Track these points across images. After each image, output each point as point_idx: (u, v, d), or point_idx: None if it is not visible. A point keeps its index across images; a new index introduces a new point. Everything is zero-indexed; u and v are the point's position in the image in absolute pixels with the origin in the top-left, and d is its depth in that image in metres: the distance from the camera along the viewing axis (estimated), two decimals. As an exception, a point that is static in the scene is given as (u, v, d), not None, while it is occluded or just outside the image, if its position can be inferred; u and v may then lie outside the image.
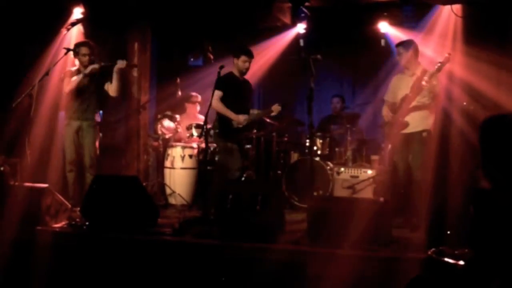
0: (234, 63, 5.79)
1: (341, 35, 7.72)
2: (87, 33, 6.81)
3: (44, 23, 6.67)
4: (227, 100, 5.71)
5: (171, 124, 6.96)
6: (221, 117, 5.78)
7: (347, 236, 4.08)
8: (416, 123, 5.25)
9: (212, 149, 6.57)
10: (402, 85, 5.39)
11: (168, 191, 6.60)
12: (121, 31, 7.23)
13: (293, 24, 7.51)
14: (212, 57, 8.09)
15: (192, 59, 8.26)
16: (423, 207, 4.97)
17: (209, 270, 4.31)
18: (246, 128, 5.87)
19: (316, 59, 5.48)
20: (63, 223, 5.09)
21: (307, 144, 6.72)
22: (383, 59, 6.83)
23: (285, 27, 7.57)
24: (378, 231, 4.26)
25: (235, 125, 5.73)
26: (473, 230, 2.38)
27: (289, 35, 7.68)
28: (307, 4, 7.23)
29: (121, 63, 5.83)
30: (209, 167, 6.24)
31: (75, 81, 5.83)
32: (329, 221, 4.42)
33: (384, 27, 7.23)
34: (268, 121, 6.53)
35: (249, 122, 5.86)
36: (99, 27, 6.89)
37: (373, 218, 4.22)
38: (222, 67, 5.36)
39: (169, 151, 6.71)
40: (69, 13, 6.80)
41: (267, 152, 6.96)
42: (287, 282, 4.14)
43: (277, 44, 7.64)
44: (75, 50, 5.86)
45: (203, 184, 6.31)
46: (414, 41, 5.43)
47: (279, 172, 6.84)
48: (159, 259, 4.46)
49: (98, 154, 6.00)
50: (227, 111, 5.70)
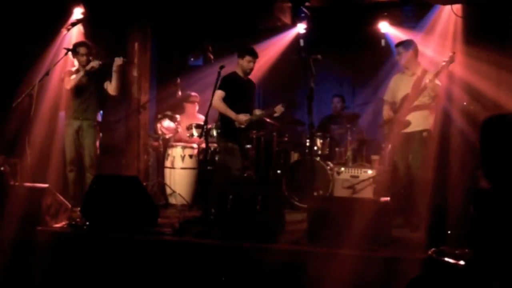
0: (238, 63, 5.76)
1: (341, 35, 7.72)
2: (87, 33, 6.81)
3: (44, 23, 6.67)
4: (229, 100, 5.69)
5: (171, 124, 6.95)
6: (223, 117, 5.77)
7: (347, 236, 4.07)
8: (416, 122, 5.25)
9: (212, 149, 6.57)
10: (402, 85, 5.40)
11: (168, 191, 6.60)
12: (121, 31, 7.22)
13: (293, 24, 7.51)
14: (212, 57, 8.09)
15: (192, 59, 8.26)
16: (423, 207, 4.98)
17: (209, 270, 4.31)
18: (248, 128, 5.86)
19: (316, 59, 5.48)
20: (63, 223, 5.09)
21: (307, 144, 6.72)
22: (383, 59, 6.83)
23: (285, 27, 7.56)
24: (378, 231, 4.26)
25: (237, 126, 5.72)
26: (473, 230, 2.38)
27: (289, 35, 7.68)
28: (307, 4, 7.24)
29: (118, 60, 5.83)
30: (209, 167, 6.24)
31: (76, 78, 5.85)
32: (329, 221, 4.42)
33: (384, 27, 7.22)
34: (268, 121, 6.53)
35: (252, 122, 5.83)
36: (99, 27, 6.89)
37: (373, 218, 4.22)
38: (222, 67, 5.35)
39: (169, 151, 6.71)
40: (69, 13, 6.80)
41: (267, 152, 6.97)
42: (287, 282, 4.14)
43: (277, 44, 7.63)
44: (74, 50, 5.87)
45: (203, 184, 6.31)
46: (413, 41, 5.44)
47: (279, 172, 6.84)
48: (159, 259, 4.46)
49: (98, 154, 6.01)
50: (228, 111, 5.68)
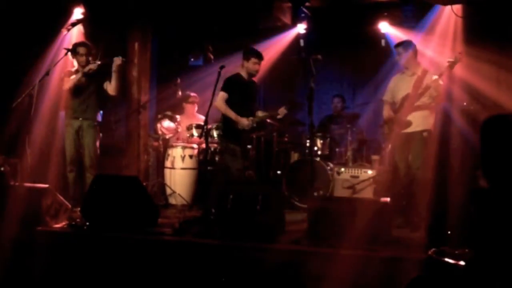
0: (243, 65, 5.74)
1: (342, 35, 7.72)
2: (88, 34, 6.81)
3: (44, 24, 6.67)
4: (232, 102, 5.68)
5: (172, 124, 6.95)
6: (225, 118, 5.76)
7: (347, 236, 4.07)
8: (417, 122, 5.25)
9: (212, 149, 6.57)
10: (402, 85, 5.40)
11: (168, 191, 6.60)
12: (121, 31, 7.22)
13: (294, 24, 7.51)
14: (212, 57, 8.09)
15: (192, 59, 8.25)
16: (424, 207, 4.97)
17: (209, 270, 4.31)
18: (251, 130, 5.82)
19: (316, 59, 5.49)
20: (64, 223, 5.09)
21: (308, 144, 6.72)
22: (383, 59, 6.84)
23: (286, 27, 7.56)
24: (378, 231, 4.26)
25: (239, 127, 5.71)
26: (473, 230, 2.38)
27: (289, 35, 7.68)
28: (307, 4, 7.25)
29: (118, 60, 5.83)
30: (209, 167, 6.24)
31: (74, 79, 5.86)
32: (329, 221, 4.42)
33: (384, 27, 7.22)
34: (268, 121, 6.53)
35: (255, 124, 5.80)
36: (99, 27, 6.89)
37: (373, 218, 4.22)
38: (222, 67, 5.34)
39: (170, 151, 6.70)
40: (70, 14, 6.80)
41: (267, 152, 6.96)
42: (287, 282, 4.14)
43: (278, 44, 7.63)
44: (73, 50, 5.87)
45: (203, 184, 6.31)
46: (412, 42, 5.44)
47: (279, 172, 6.84)
48: (159, 259, 4.46)
49: (98, 154, 6.01)
50: (231, 114, 5.66)
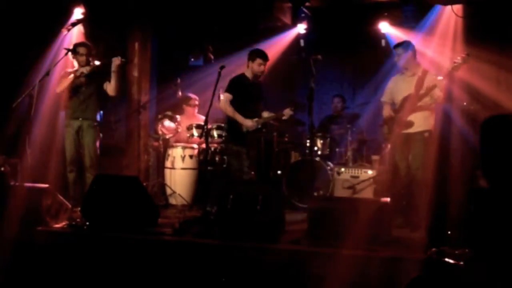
0: (248, 65, 5.73)
1: (342, 35, 7.72)
2: (88, 34, 6.81)
3: (44, 24, 6.68)
4: (237, 103, 5.67)
5: (172, 124, 6.95)
6: (230, 120, 5.75)
7: (347, 236, 4.07)
8: (418, 123, 5.25)
9: (212, 149, 6.57)
10: (402, 85, 5.39)
11: (168, 191, 6.60)
12: (122, 31, 7.23)
13: (294, 24, 7.52)
14: (212, 57, 8.09)
15: (192, 59, 8.25)
16: (424, 207, 4.98)
17: (209, 270, 4.31)
18: (255, 131, 5.78)
19: (316, 59, 5.48)
20: (64, 223, 5.09)
21: (308, 144, 6.72)
22: (384, 59, 6.83)
23: (286, 27, 7.57)
24: (378, 231, 4.25)
25: (244, 129, 5.68)
26: (473, 230, 2.38)
27: (289, 35, 7.69)
28: (307, 4, 7.25)
29: (116, 60, 5.83)
30: (209, 167, 6.24)
31: (66, 82, 5.84)
32: (329, 221, 4.42)
33: (384, 27, 7.22)
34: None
35: (260, 125, 5.77)
36: (99, 27, 6.90)
37: (374, 218, 4.22)
38: (222, 67, 5.33)
39: (170, 152, 6.71)
40: (70, 14, 6.80)
41: (268, 152, 6.96)
42: (287, 282, 4.14)
43: (278, 44, 7.63)
44: (73, 50, 5.86)
45: (203, 184, 6.31)
46: (411, 42, 5.43)
47: (279, 172, 6.84)
48: (159, 259, 4.46)
49: (98, 154, 6.01)
50: (236, 115, 5.65)
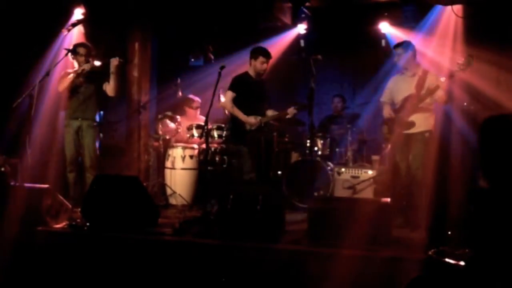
0: (251, 64, 5.74)
1: (342, 35, 7.72)
2: (88, 34, 6.82)
3: (44, 24, 6.68)
4: (240, 101, 5.66)
5: (172, 124, 6.95)
6: (233, 119, 5.74)
7: (347, 236, 4.07)
8: (418, 123, 5.25)
9: (212, 149, 6.57)
10: (403, 86, 5.38)
11: (168, 191, 6.60)
12: (122, 31, 7.23)
13: (294, 24, 7.52)
14: (212, 57, 8.09)
15: (192, 59, 8.25)
16: (424, 207, 4.98)
17: (209, 270, 4.31)
18: (258, 130, 5.76)
19: (316, 59, 5.48)
20: (64, 223, 5.08)
21: (308, 144, 6.72)
22: (384, 59, 6.82)
23: (286, 27, 7.57)
24: (378, 231, 4.25)
25: (247, 128, 5.68)
26: (473, 230, 2.38)
27: (289, 35, 7.69)
28: (307, 4, 7.25)
29: (114, 61, 5.83)
30: (209, 168, 6.23)
31: (68, 80, 5.86)
32: (329, 221, 4.42)
33: (384, 27, 7.23)
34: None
35: (263, 124, 5.76)
36: (99, 27, 6.90)
37: (374, 218, 4.21)
38: (222, 68, 5.32)
39: (170, 152, 6.71)
40: (70, 14, 6.81)
41: (268, 152, 6.95)
42: (287, 282, 4.14)
43: (278, 44, 7.63)
44: (73, 50, 5.87)
45: (203, 184, 6.30)
46: (411, 42, 5.43)
47: (279, 172, 6.84)
48: (160, 259, 4.46)
49: (98, 154, 6.01)
50: (238, 113, 5.65)
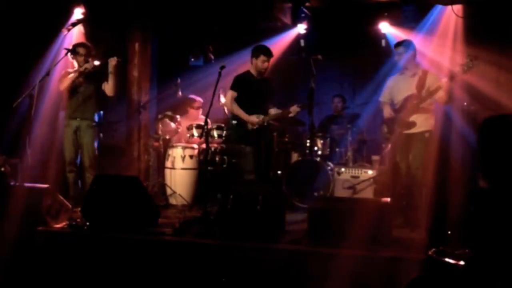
0: (252, 62, 5.73)
1: (342, 35, 7.72)
2: (88, 34, 6.82)
3: (44, 24, 6.68)
4: (241, 100, 5.65)
5: (172, 124, 6.95)
6: (235, 118, 5.73)
7: (347, 236, 4.07)
8: (419, 123, 5.24)
9: (213, 149, 6.57)
10: (403, 85, 5.37)
11: (168, 191, 6.60)
12: (122, 31, 7.23)
13: (294, 24, 7.52)
14: (212, 57, 8.09)
15: (192, 59, 8.25)
16: (424, 207, 4.98)
17: (209, 270, 4.31)
18: (261, 128, 5.73)
19: (316, 59, 5.48)
20: (64, 223, 5.08)
21: (308, 144, 6.72)
22: (384, 59, 6.82)
23: (286, 27, 7.57)
24: (378, 231, 4.25)
25: (249, 127, 5.67)
26: (473, 230, 2.38)
27: (289, 35, 7.70)
28: (307, 4, 7.25)
29: (113, 60, 5.83)
30: (209, 168, 6.23)
31: (70, 79, 5.87)
32: (329, 221, 4.42)
33: (384, 27, 7.23)
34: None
35: (266, 122, 5.73)
36: (99, 27, 6.90)
37: (374, 218, 4.22)
38: (222, 67, 5.31)
39: (170, 152, 6.70)
40: (70, 14, 6.81)
41: (268, 152, 6.95)
42: (287, 282, 4.14)
43: (278, 44, 7.62)
44: (73, 50, 5.87)
45: (203, 184, 6.30)
46: (413, 42, 5.43)
47: (279, 172, 6.84)
48: (160, 259, 4.46)
49: (97, 154, 6.00)
50: (240, 112, 5.64)
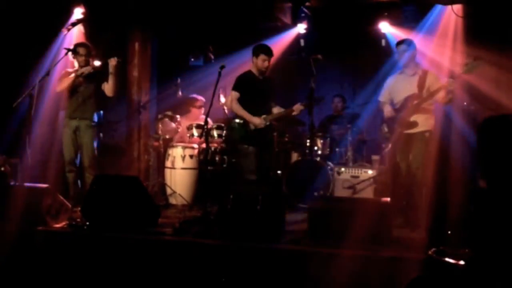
0: (253, 62, 5.72)
1: (342, 35, 7.72)
2: (88, 34, 6.82)
3: (44, 23, 6.68)
4: (244, 100, 5.64)
5: (172, 124, 6.95)
6: (238, 118, 5.71)
7: (347, 236, 4.07)
8: (419, 123, 5.24)
9: (212, 149, 6.57)
10: (404, 85, 5.36)
11: (168, 191, 6.60)
12: (122, 31, 7.23)
13: (294, 24, 7.52)
14: (212, 57, 8.09)
15: (192, 59, 8.26)
16: (424, 207, 4.98)
17: (209, 270, 4.31)
18: (265, 128, 5.73)
19: (316, 59, 5.47)
20: (64, 223, 5.08)
21: (308, 144, 6.72)
22: (384, 59, 6.82)
23: (286, 27, 7.57)
24: (378, 231, 4.25)
25: (252, 128, 5.66)
26: (473, 230, 2.38)
27: (289, 35, 7.70)
28: (307, 4, 7.25)
29: (113, 61, 5.83)
30: (209, 167, 6.23)
31: (66, 81, 5.86)
32: (329, 221, 4.42)
33: (384, 27, 7.23)
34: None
35: (268, 122, 5.72)
36: (99, 27, 6.90)
37: (374, 218, 4.22)
38: (222, 67, 5.31)
39: (170, 151, 6.70)
40: (70, 14, 6.81)
41: (268, 152, 6.94)
42: (287, 282, 4.14)
43: (278, 44, 7.62)
44: (74, 50, 5.87)
45: (203, 184, 6.30)
46: (413, 41, 5.43)
47: (279, 172, 6.84)
48: (160, 259, 4.47)
49: (96, 154, 5.99)
50: (243, 113, 5.63)
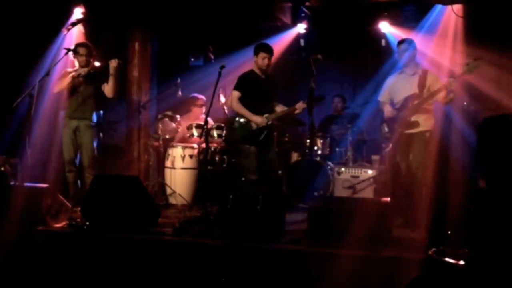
0: (254, 60, 5.72)
1: (342, 35, 7.71)
2: (88, 34, 6.82)
3: (44, 23, 6.68)
4: (246, 99, 5.63)
5: (172, 124, 6.95)
6: (239, 118, 5.71)
7: (347, 236, 4.08)
8: (419, 123, 5.24)
9: (212, 149, 6.57)
10: (404, 85, 5.36)
11: (168, 191, 6.60)
12: (122, 31, 7.23)
13: (294, 24, 7.52)
14: (212, 57, 8.09)
15: (192, 59, 8.25)
16: (424, 207, 4.98)
17: (209, 270, 4.31)
18: (267, 128, 5.70)
19: (316, 58, 5.47)
20: (64, 223, 5.09)
21: (308, 144, 6.72)
22: (384, 59, 6.82)
23: (286, 27, 7.57)
24: (378, 231, 4.25)
25: (254, 127, 5.65)
26: (473, 230, 2.38)
27: (289, 35, 7.69)
28: (307, 4, 7.25)
29: (113, 62, 5.82)
30: (209, 167, 6.23)
31: (64, 82, 5.85)
32: (329, 221, 4.42)
33: (384, 27, 7.23)
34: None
35: (270, 121, 5.70)
36: (99, 27, 6.90)
37: (374, 218, 4.22)
38: (222, 67, 5.31)
39: (170, 151, 6.70)
40: (70, 13, 6.81)
41: (269, 151, 6.94)
42: (287, 282, 4.14)
43: (278, 44, 7.61)
44: (74, 50, 5.87)
45: (203, 184, 6.30)
46: (414, 41, 5.43)
47: (279, 172, 6.83)
48: (160, 259, 4.47)
49: (96, 154, 5.99)
50: (245, 112, 5.62)
